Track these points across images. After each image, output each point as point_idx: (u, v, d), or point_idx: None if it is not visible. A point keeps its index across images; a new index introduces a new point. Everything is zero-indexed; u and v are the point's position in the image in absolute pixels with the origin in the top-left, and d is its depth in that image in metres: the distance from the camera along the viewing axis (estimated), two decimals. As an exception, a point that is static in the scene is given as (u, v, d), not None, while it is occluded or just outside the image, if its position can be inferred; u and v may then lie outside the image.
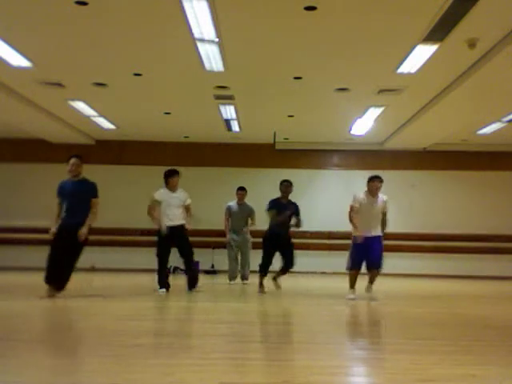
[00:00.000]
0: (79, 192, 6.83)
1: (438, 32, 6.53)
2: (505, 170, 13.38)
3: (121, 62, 8.02)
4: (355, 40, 6.94)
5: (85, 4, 5.97)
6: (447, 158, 13.41)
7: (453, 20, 6.18)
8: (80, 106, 10.44)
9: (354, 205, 7.26)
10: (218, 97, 9.62)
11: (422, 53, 7.23)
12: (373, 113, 10.56)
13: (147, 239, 13.07)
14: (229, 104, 10.11)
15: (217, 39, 6.88)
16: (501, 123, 11.01)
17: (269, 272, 8.20)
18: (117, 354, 3.43)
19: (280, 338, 4.36)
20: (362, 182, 13.67)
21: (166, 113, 10.94)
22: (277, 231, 8.00)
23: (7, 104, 9.91)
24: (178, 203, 7.79)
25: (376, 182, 7.29)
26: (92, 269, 12.09)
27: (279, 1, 5.94)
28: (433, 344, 4.07)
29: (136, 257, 13.02)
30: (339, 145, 13.49)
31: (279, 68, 8.11)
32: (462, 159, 13.39)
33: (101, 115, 11.17)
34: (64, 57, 7.81)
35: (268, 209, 8.06)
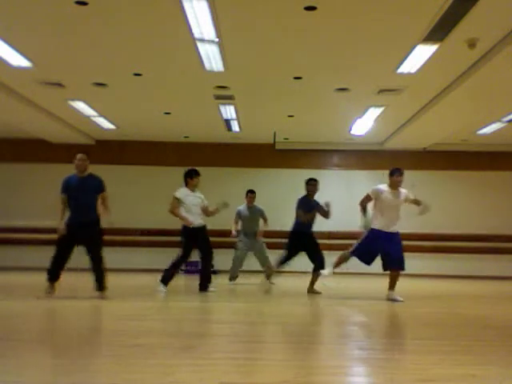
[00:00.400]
0: (86, 187, 6.72)
1: (438, 32, 6.53)
2: (505, 170, 13.38)
3: (121, 62, 8.02)
4: (355, 40, 6.95)
5: (85, 4, 5.98)
6: (447, 158, 13.42)
7: (453, 20, 6.19)
8: (80, 106, 10.44)
9: (370, 194, 7.19)
10: (218, 97, 9.62)
11: (422, 53, 7.23)
12: (373, 113, 10.56)
13: (147, 239, 13.13)
14: (229, 104, 10.12)
15: (217, 39, 6.88)
16: (501, 123, 11.02)
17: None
18: (117, 354, 3.43)
19: (280, 338, 4.35)
20: (362, 182, 13.72)
21: (166, 113, 10.94)
22: (303, 230, 7.98)
23: (7, 104, 9.91)
24: (199, 203, 7.79)
25: (397, 176, 7.17)
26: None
27: (279, 1, 5.94)
28: (433, 344, 4.07)
29: (136, 257, 13.04)
30: (339, 145, 13.49)
31: (279, 68, 8.11)
32: (462, 159, 13.39)
33: (101, 115, 11.17)
34: (64, 57, 7.81)
35: (298, 208, 8.04)
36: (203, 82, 8.79)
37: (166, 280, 7.58)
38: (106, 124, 11.89)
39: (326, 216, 8.11)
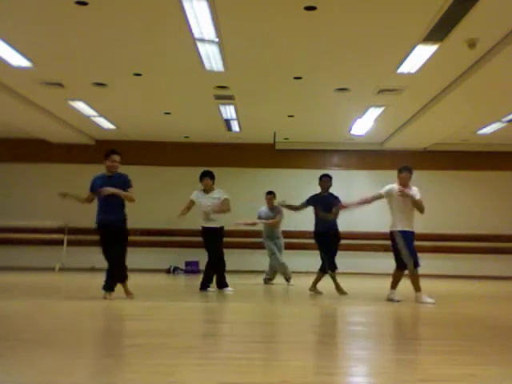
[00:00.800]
0: (111, 185, 6.62)
1: (438, 32, 6.54)
2: (505, 170, 13.39)
3: (121, 62, 8.02)
4: (355, 40, 6.95)
5: (85, 4, 5.98)
6: (447, 158, 13.42)
7: (453, 20, 6.19)
8: (80, 106, 10.44)
9: (383, 193, 7.10)
10: (218, 97, 9.62)
11: (422, 53, 7.23)
12: (373, 113, 10.56)
13: (147, 239, 13.11)
14: (229, 104, 10.12)
15: (217, 39, 6.89)
16: (501, 123, 11.02)
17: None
18: (117, 354, 3.42)
19: (280, 338, 4.35)
20: (362, 182, 13.71)
21: (166, 113, 10.94)
22: (321, 229, 7.91)
23: (7, 104, 9.91)
24: (214, 203, 7.80)
25: (401, 173, 7.06)
26: (92, 269, 12.08)
27: (279, 1, 5.94)
28: (433, 344, 4.07)
29: (136, 257, 12.96)
30: (339, 145, 13.50)
31: (279, 68, 8.12)
32: (462, 159, 13.40)
33: (101, 115, 11.18)
34: (64, 57, 7.82)
35: (307, 203, 8.08)
36: (203, 82, 8.79)
37: (209, 282, 7.81)
38: (106, 124, 11.89)
39: (335, 214, 7.94)
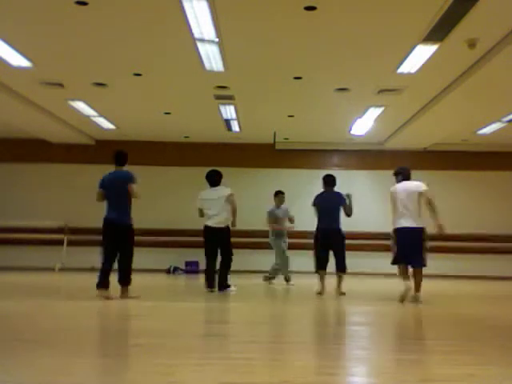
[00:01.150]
0: (115, 182, 6.67)
1: (438, 32, 6.54)
2: (505, 170, 13.39)
3: (121, 62, 8.03)
4: (355, 40, 6.95)
5: (85, 4, 5.98)
6: (447, 158, 13.42)
7: (453, 20, 6.19)
8: (80, 106, 10.45)
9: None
10: (218, 97, 9.62)
11: (422, 53, 7.23)
12: (373, 113, 10.56)
13: (148, 239, 13.10)
14: (229, 104, 10.12)
15: (217, 39, 6.89)
16: (501, 123, 11.02)
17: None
18: (117, 354, 3.42)
19: (280, 338, 4.35)
20: (362, 182, 13.71)
21: (166, 113, 10.94)
22: (323, 227, 7.87)
23: (8, 104, 9.92)
24: (218, 202, 7.72)
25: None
26: (92, 269, 12.08)
27: (279, 1, 5.94)
28: (433, 344, 4.07)
29: (136, 257, 12.98)
30: (339, 145, 13.50)
31: (279, 68, 8.12)
32: (462, 159, 13.40)
33: (101, 115, 11.18)
34: (64, 57, 7.82)
35: (313, 204, 8.08)
36: (203, 82, 8.79)
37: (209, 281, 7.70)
38: (106, 124, 11.89)
39: (348, 212, 7.89)
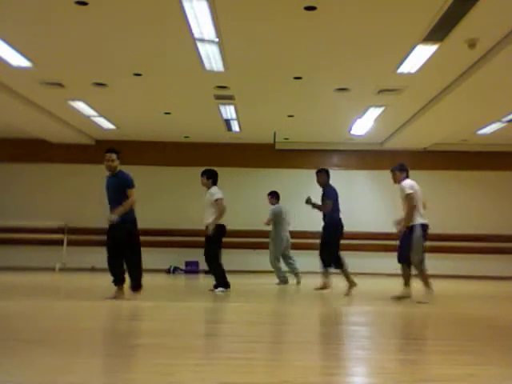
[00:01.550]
0: (114, 186, 6.48)
1: (438, 32, 6.54)
2: (505, 170, 13.39)
3: (121, 62, 8.02)
4: (355, 40, 6.95)
5: (85, 4, 5.98)
6: (447, 158, 13.42)
7: (453, 20, 6.19)
8: (80, 106, 10.44)
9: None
10: (218, 97, 9.62)
11: (422, 53, 7.23)
12: (373, 113, 10.56)
13: (147, 239, 13.08)
14: (229, 104, 10.12)
15: (217, 39, 6.89)
16: (501, 123, 11.02)
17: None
18: (117, 354, 3.42)
19: (280, 338, 4.35)
20: (362, 182, 13.71)
21: (166, 113, 10.94)
22: (339, 220, 7.84)
23: (8, 104, 9.91)
24: (206, 202, 7.72)
25: (391, 172, 7.17)
26: (92, 269, 12.09)
27: (279, 1, 5.94)
28: (433, 344, 4.07)
29: (136, 257, 13.01)
30: (339, 145, 13.50)
31: (279, 68, 8.12)
32: (462, 159, 13.40)
33: (101, 115, 11.18)
34: (64, 57, 7.82)
35: (331, 198, 7.87)
36: (203, 82, 8.79)
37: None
38: (106, 124, 11.89)
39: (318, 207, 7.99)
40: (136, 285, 6.50)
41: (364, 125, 11.51)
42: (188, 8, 6.01)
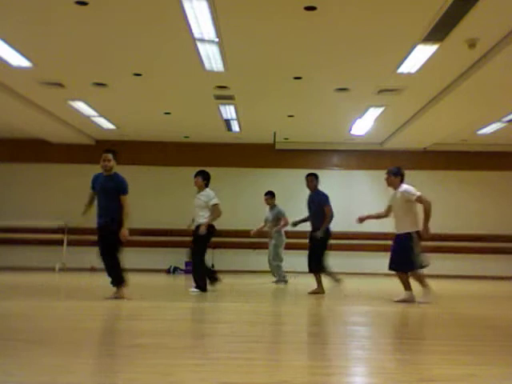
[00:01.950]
0: (108, 188, 6.48)
1: (438, 32, 6.54)
2: (505, 170, 13.40)
3: (121, 62, 8.03)
4: (355, 40, 6.95)
5: (85, 4, 5.98)
6: (447, 158, 13.43)
7: (453, 20, 6.19)
8: (80, 106, 10.44)
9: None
10: (218, 97, 9.62)
11: (422, 53, 7.23)
12: (373, 113, 10.56)
13: (147, 239, 13.12)
14: (229, 104, 10.12)
15: (217, 39, 6.89)
16: (501, 123, 11.03)
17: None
18: (117, 354, 3.42)
19: (280, 338, 4.35)
20: (362, 182, 13.69)
21: (166, 113, 10.95)
22: (329, 228, 7.86)
23: (8, 104, 9.92)
24: (199, 203, 7.67)
25: (385, 175, 6.96)
26: (92, 269, 12.09)
27: (279, 1, 5.94)
28: (433, 344, 4.07)
29: (136, 257, 13.01)
30: (339, 145, 13.50)
31: (279, 68, 8.12)
32: (462, 159, 13.40)
33: (101, 115, 11.18)
34: (64, 57, 7.82)
35: (328, 204, 7.87)
36: (203, 82, 8.79)
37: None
38: (106, 124, 11.89)
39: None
40: (115, 281, 6.54)
41: (364, 125, 11.51)
42: (188, 8, 6.01)
